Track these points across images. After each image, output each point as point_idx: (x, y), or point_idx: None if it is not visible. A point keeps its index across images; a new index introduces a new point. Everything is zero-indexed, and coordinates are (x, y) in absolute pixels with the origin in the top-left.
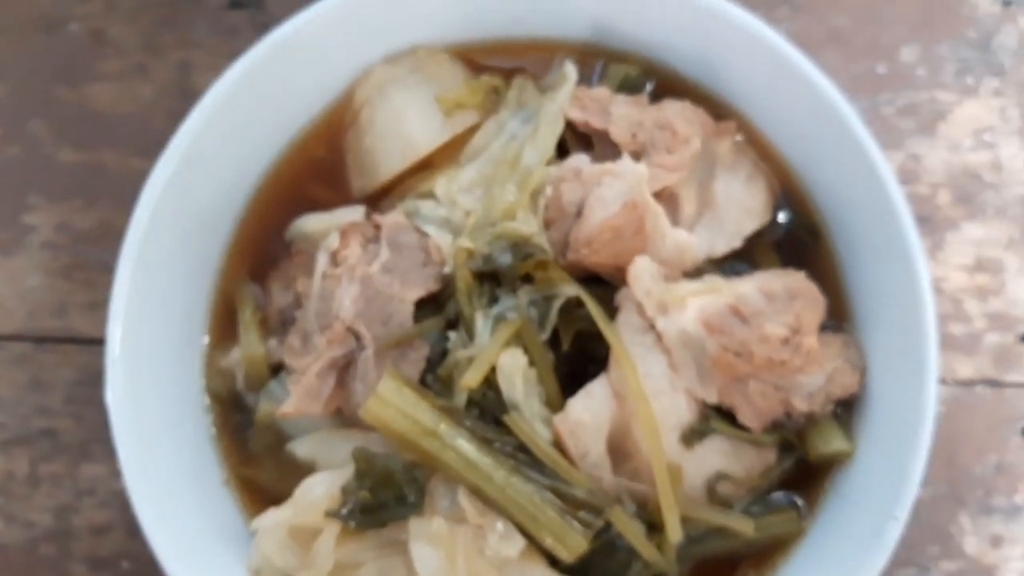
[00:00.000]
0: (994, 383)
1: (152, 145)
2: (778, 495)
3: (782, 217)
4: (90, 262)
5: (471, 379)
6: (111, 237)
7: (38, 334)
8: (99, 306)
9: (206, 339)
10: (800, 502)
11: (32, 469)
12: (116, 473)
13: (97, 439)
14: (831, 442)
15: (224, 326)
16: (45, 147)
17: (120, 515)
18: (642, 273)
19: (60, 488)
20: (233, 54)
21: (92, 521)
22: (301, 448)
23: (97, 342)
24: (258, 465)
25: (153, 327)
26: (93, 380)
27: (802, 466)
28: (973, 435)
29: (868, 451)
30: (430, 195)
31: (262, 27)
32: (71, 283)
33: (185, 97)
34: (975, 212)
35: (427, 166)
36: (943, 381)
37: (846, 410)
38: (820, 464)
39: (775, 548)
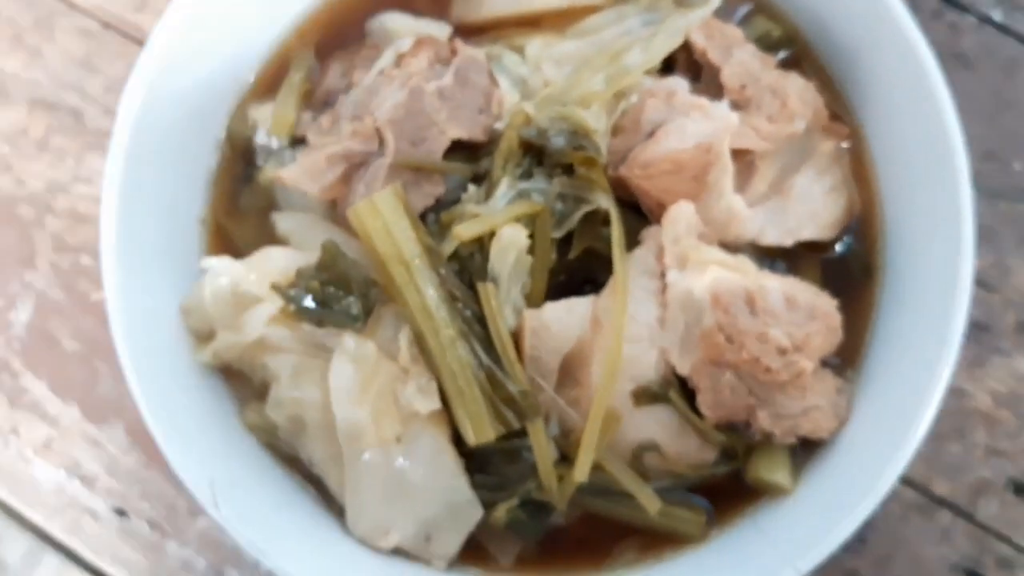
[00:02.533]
0: (967, 516)
1: None
2: (697, 495)
3: (844, 242)
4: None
5: (466, 231)
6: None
7: (109, 19)
8: None
9: (250, 89)
10: (712, 512)
11: (45, 136)
12: None
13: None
14: (774, 472)
15: (272, 80)
16: None
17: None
18: (680, 218)
19: (62, 164)
20: None
21: (76, 208)
22: (284, 222)
23: None
24: (240, 220)
25: (204, 52)
26: None
27: (733, 480)
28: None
29: (804, 498)
30: (520, 50)
31: None
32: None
33: None
34: None
35: (532, 23)
36: (911, 484)
37: (804, 449)
38: (752, 487)
39: (667, 541)
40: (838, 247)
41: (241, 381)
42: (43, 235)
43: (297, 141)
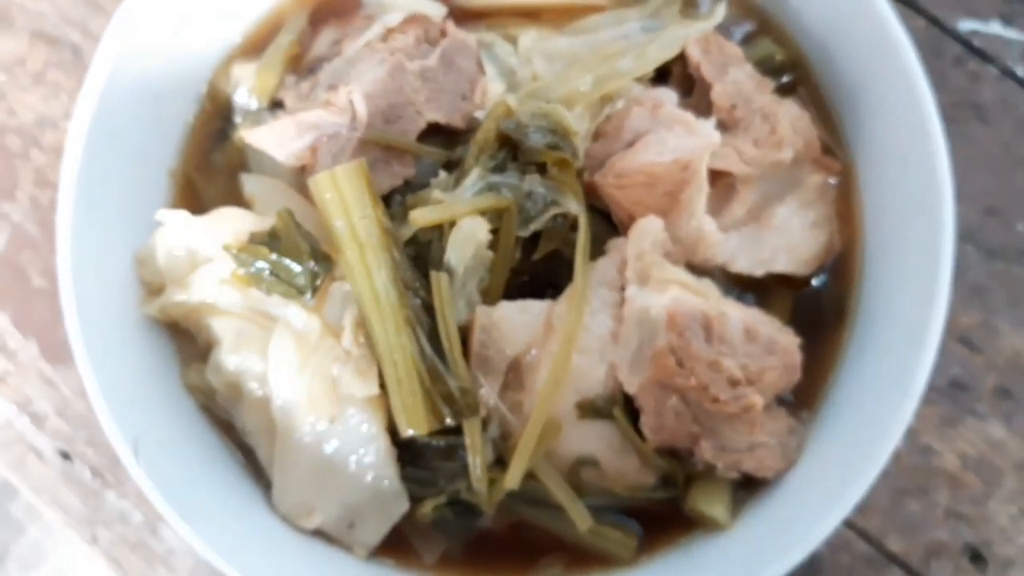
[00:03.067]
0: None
1: None
2: (631, 519)
3: (819, 280)
4: None
5: (422, 217)
6: None
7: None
8: None
9: (238, 47)
10: (644, 537)
11: (43, 69)
12: None
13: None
14: (712, 506)
15: (262, 40)
16: None
17: None
18: (647, 233)
19: (56, 100)
20: None
21: (62, 145)
22: (250, 184)
23: None
24: (209, 176)
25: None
26: None
27: (670, 507)
28: None
29: (740, 536)
30: (513, 40)
31: None
32: None
33: None
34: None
35: (532, 16)
36: (865, 537)
37: (745, 487)
38: (689, 517)
39: (595, 561)
40: (813, 283)
41: (187, 339)
42: (27, 167)
43: (277, 104)
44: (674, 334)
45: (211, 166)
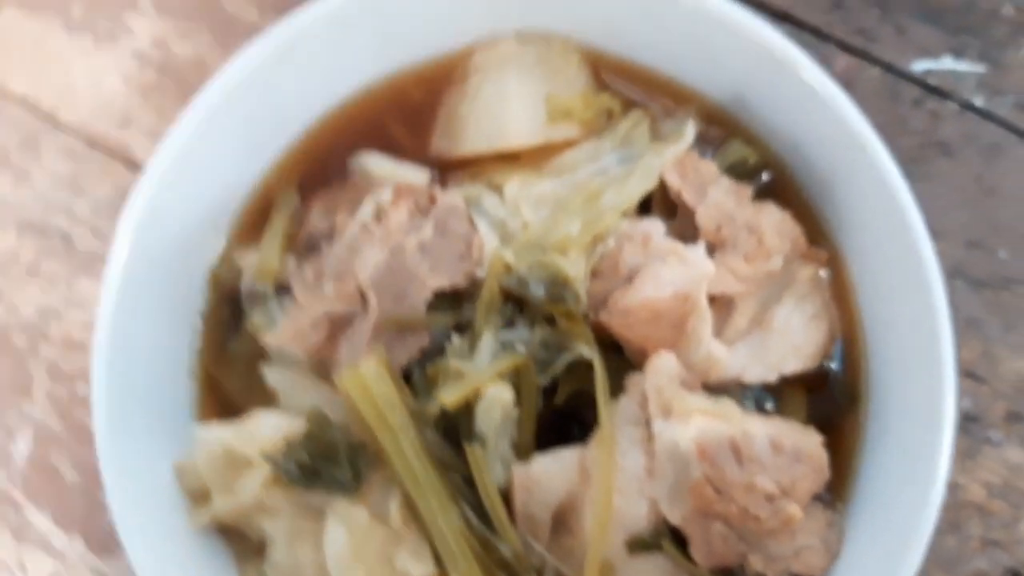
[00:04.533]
0: None
1: (274, 2)
2: None
3: (828, 368)
4: (170, 90)
5: (450, 399)
6: (200, 74)
7: (94, 137)
8: (161, 137)
9: (234, 228)
10: None
11: (36, 260)
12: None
13: (106, 260)
14: None
15: (255, 225)
16: None
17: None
18: (662, 369)
19: (54, 290)
20: None
21: (70, 334)
22: (272, 376)
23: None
24: (228, 367)
25: (186, 190)
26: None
27: None
28: None
29: None
30: (499, 189)
31: None
32: (145, 103)
33: None
34: None
35: (511, 159)
36: None
37: None
38: None
39: None
40: (822, 371)
41: (239, 538)
42: (38, 363)
43: (282, 287)
44: (707, 464)
45: (229, 357)
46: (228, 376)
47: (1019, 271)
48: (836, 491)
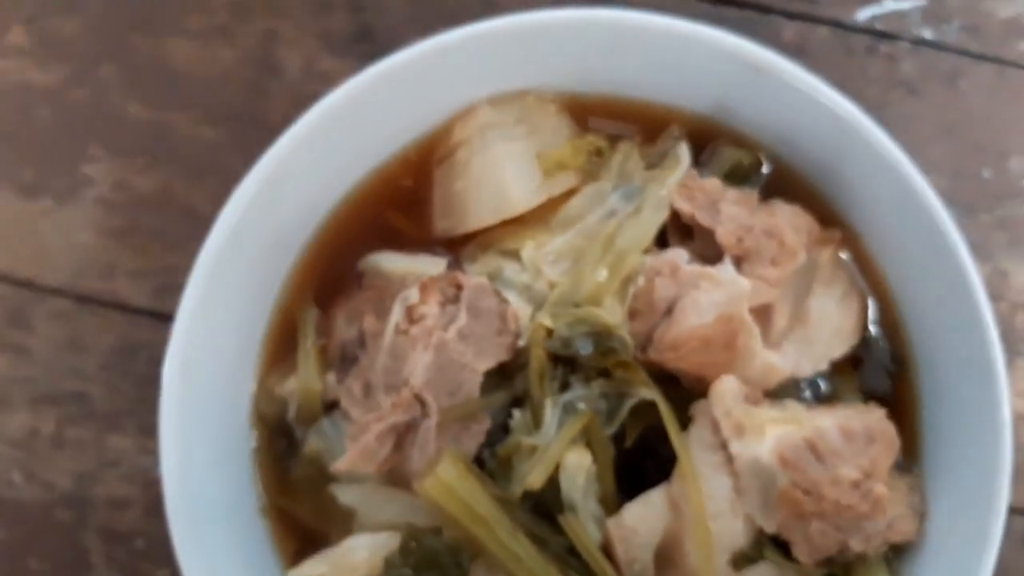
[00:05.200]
0: None
1: (226, 114)
2: None
3: (871, 338)
4: (144, 227)
5: (536, 480)
6: (169, 204)
7: (81, 293)
8: (148, 275)
9: (261, 361)
10: None
11: (58, 430)
12: (142, 448)
13: (128, 411)
14: None
15: (282, 351)
16: (113, 96)
17: (141, 492)
18: (726, 392)
19: (84, 454)
20: (323, 33)
21: (112, 494)
22: (345, 495)
23: (142, 312)
24: (296, 496)
25: (213, 339)
26: (132, 350)
27: None
28: None
29: None
30: (515, 255)
31: (356, 8)
32: (122, 246)
33: (265, 69)
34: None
35: (516, 221)
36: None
37: (895, 552)
38: None
39: None
40: (865, 343)
41: None
42: (89, 533)
43: (329, 406)
44: (791, 470)
45: (293, 487)
46: (297, 506)
47: (1006, 186)
48: (908, 456)
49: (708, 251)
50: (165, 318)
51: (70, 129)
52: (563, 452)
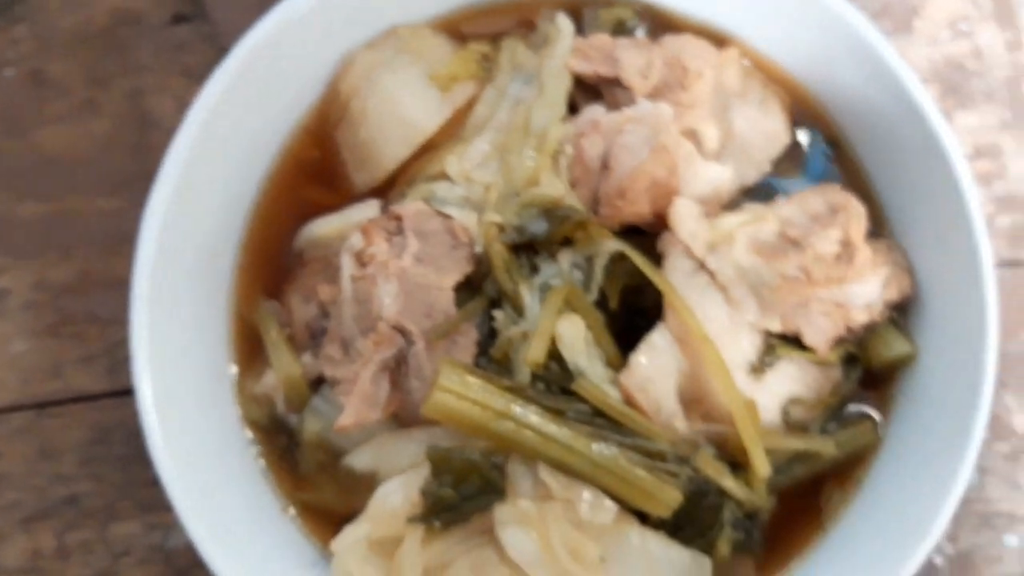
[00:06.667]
0: (1013, 263)
1: (119, 181)
2: (850, 410)
3: (801, 134)
4: (77, 315)
5: (536, 354)
6: (94, 285)
7: (37, 400)
8: (95, 359)
9: (234, 369)
10: (873, 413)
11: (59, 541)
12: (148, 526)
13: (122, 497)
14: (893, 347)
15: (250, 352)
16: (1, 204)
17: (163, 569)
18: (684, 214)
19: (93, 555)
20: (185, 71)
21: None
22: (360, 460)
23: (101, 396)
24: (314, 486)
25: (179, 368)
26: (105, 436)
27: (869, 377)
28: (1002, 316)
29: (931, 350)
30: (442, 176)
31: (209, 38)
32: (61, 340)
33: (143, 124)
34: (964, 101)
35: (429, 148)
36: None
37: (901, 314)
38: (886, 371)
39: (855, 462)
40: (800, 140)
41: None
42: None
43: (315, 385)
44: (772, 263)
45: (308, 479)
46: (320, 493)
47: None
48: (873, 222)
49: (621, 101)
50: (127, 393)
51: None
52: (553, 323)
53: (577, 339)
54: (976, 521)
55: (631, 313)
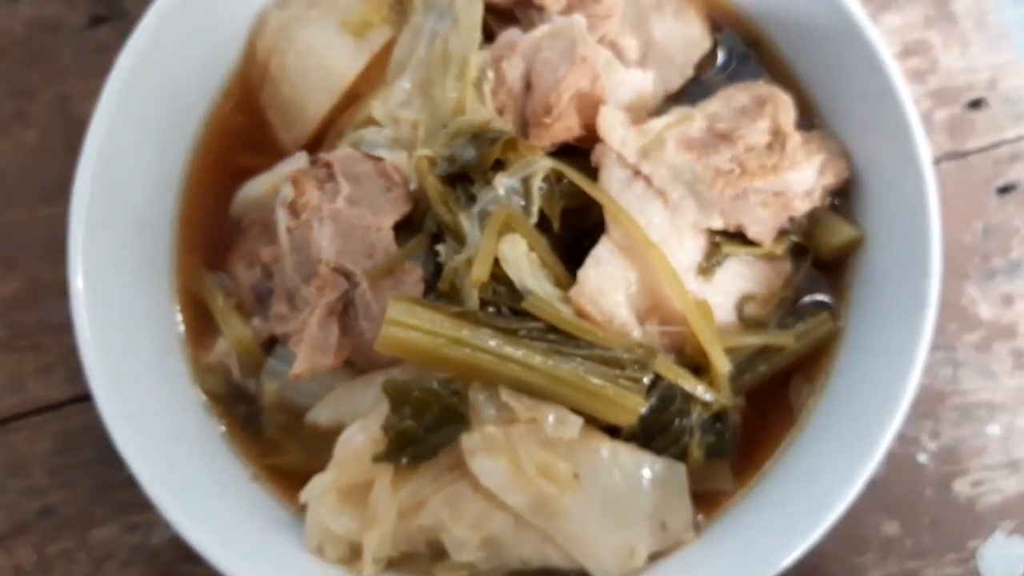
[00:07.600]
0: (956, 155)
1: (55, 187)
2: (806, 302)
3: (720, 37)
4: (29, 326)
5: (479, 273)
6: (44, 293)
7: (0, 416)
8: (53, 367)
9: (187, 345)
10: (830, 301)
11: (39, 555)
12: (127, 527)
13: (97, 502)
14: (839, 232)
15: (199, 324)
16: None
17: (148, 568)
18: (612, 123)
19: (76, 564)
20: (108, 70)
21: None
22: (322, 414)
23: (64, 404)
24: (281, 450)
25: (130, 353)
26: (72, 444)
27: (821, 267)
28: (952, 209)
29: (878, 234)
30: (369, 122)
31: (125, 33)
32: (17, 353)
33: (72, 129)
34: (887, 3)
35: (353, 98)
36: None
37: (844, 201)
38: (837, 260)
39: (819, 353)
40: (720, 43)
41: (413, 561)
42: None
43: (267, 347)
44: (705, 158)
45: (274, 443)
46: (285, 456)
47: None
48: (803, 113)
49: (535, 21)
50: (90, 398)
51: None
52: (495, 244)
53: (520, 258)
54: (956, 415)
55: (578, 236)
